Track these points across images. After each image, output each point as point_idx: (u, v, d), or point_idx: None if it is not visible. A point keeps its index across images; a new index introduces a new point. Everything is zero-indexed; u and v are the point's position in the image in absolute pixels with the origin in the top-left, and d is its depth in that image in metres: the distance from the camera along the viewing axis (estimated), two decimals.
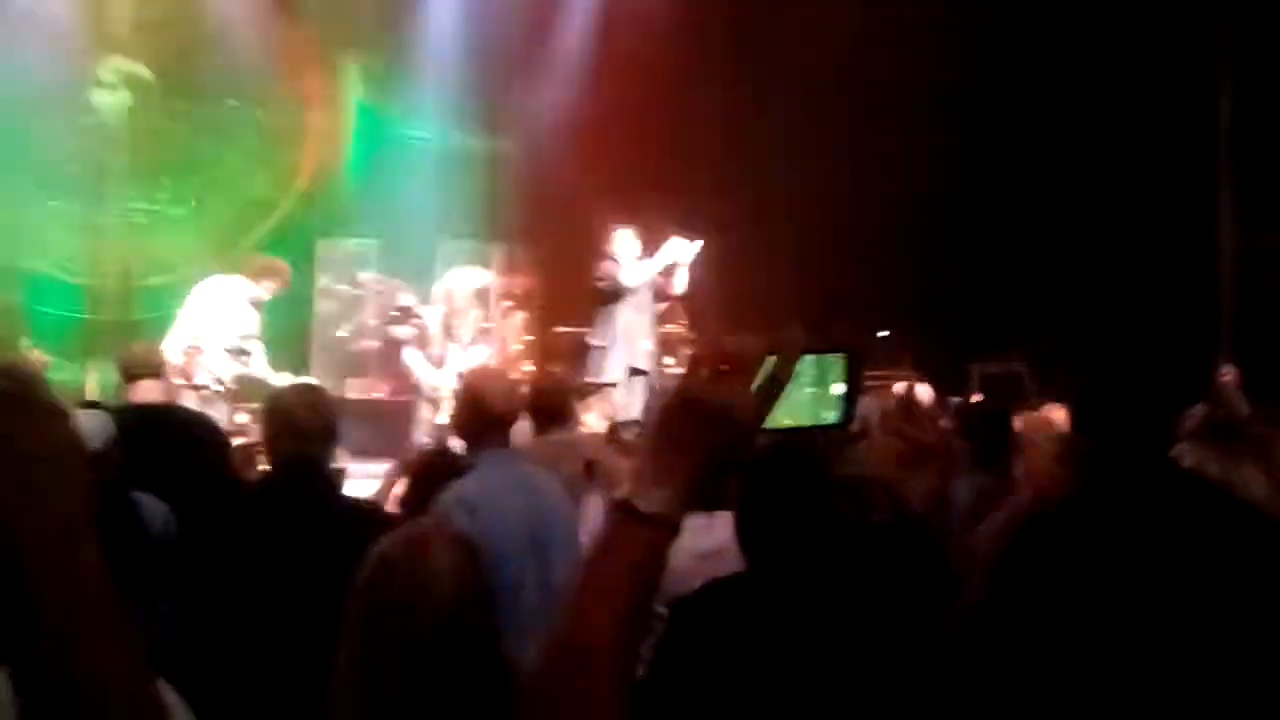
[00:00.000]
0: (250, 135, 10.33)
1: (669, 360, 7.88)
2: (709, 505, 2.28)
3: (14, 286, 9.13)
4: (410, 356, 7.68)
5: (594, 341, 7.19)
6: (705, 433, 0.98)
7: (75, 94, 9.67)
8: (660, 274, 7.37)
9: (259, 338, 6.98)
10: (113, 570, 0.76)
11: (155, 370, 4.23)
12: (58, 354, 7.78)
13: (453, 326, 7.57)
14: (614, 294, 7.18)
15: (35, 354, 7.35)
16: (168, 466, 3.26)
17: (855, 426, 1.20)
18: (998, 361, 7.95)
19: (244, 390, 6.87)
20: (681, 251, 7.37)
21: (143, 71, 9.91)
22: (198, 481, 3.30)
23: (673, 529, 0.99)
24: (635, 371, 7.10)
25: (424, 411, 7.45)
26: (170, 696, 0.87)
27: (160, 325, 7.17)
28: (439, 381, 7.39)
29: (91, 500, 0.75)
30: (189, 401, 6.02)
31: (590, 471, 3.65)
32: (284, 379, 6.89)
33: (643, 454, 1.02)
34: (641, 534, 0.98)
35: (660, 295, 7.46)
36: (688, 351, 7.96)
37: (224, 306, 6.82)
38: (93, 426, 2.94)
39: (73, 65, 9.57)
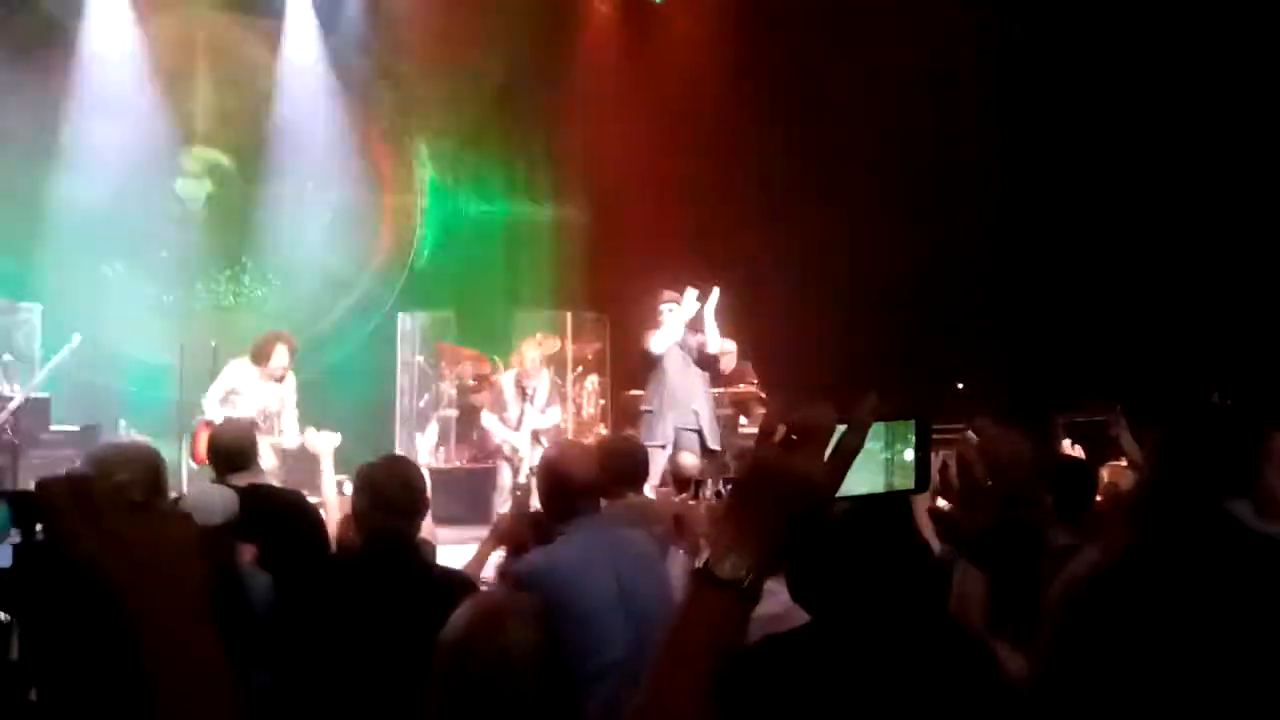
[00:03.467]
0: (328, 216, 10.70)
1: (743, 420, 7.90)
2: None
3: (110, 368, 9.53)
4: (487, 419, 7.86)
5: (644, 407, 7.29)
6: (780, 502, 1.02)
7: (162, 183, 10.14)
8: (692, 335, 7.30)
9: (279, 410, 7.17)
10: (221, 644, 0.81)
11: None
12: (152, 434, 8.06)
13: (526, 388, 7.72)
14: (650, 360, 7.29)
15: (132, 434, 7.65)
16: (267, 540, 3.38)
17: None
18: (1088, 412, 7.76)
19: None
20: (694, 305, 7.29)
21: (224, 159, 10.36)
22: (294, 555, 3.42)
23: (752, 595, 1.03)
24: (685, 431, 7.12)
25: (504, 477, 7.57)
26: None
27: None
28: (516, 442, 7.54)
29: (205, 595, 0.81)
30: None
31: (679, 527, 3.68)
32: (312, 437, 7.10)
33: (721, 522, 1.06)
34: (721, 601, 1.02)
35: (703, 359, 7.35)
36: (761, 410, 7.97)
37: (244, 389, 7.08)
38: (219, 502, 3.09)
39: (158, 156, 10.06)
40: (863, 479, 1.08)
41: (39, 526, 0.74)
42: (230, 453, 4.14)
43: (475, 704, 1.82)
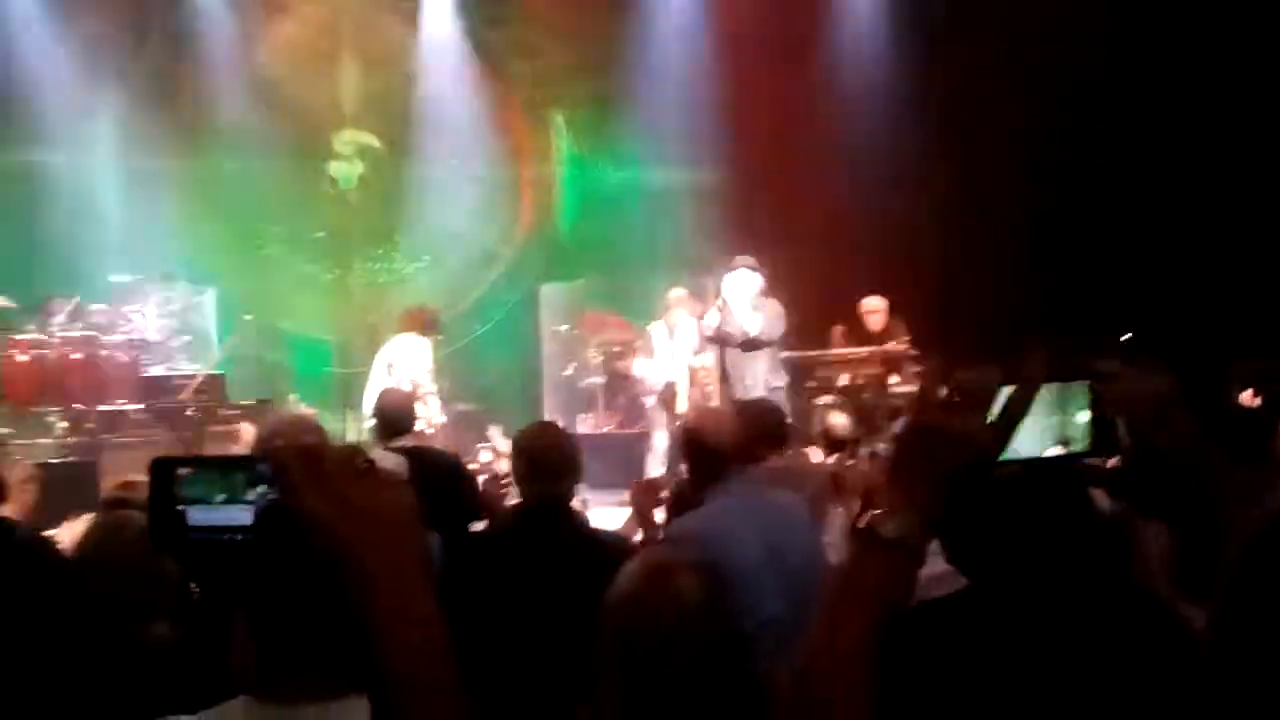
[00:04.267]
0: (472, 191, 10.95)
1: (894, 379, 7.76)
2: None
3: (277, 346, 10.05)
4: (639, 366, 8.12)
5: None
6: (941, 462, 1.01)
7: (316, 167, 10.58)
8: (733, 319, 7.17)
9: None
10: None
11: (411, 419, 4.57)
12: (318, 405, 8.48)
13: (672, 329, 7.93)
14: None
15: (302, 408, 8.05)
16: (429, 502, 3.51)
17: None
18: (1267, 361, 7.25)
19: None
20: (733, 287, 7.18)
21: (372, 141, 10.72)
22: (455, 516, 3.55)
23: (914, 554, 1.02)
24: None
25: (657, 436, 7.73)
26: None
27: None
28: (671, 375, 7.73)
29: (424, 555, 0.85)
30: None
31: (836, 488, 3.66)
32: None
33: (883, 482, 1.06)
34: (883, 560, 1.02)
35: (745, 343, 7.18)
36: (914, 369, 7.81)
37: (423, 358, 7.58)
38: (392, 468, 3.25)
39: (312, 140, 10.49)
40: (1030, 441, 1.06)
41: (267, 490, 0.80)
42: (394, 418, 4.32)
43: (646, 658, 1.85)
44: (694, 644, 1.86)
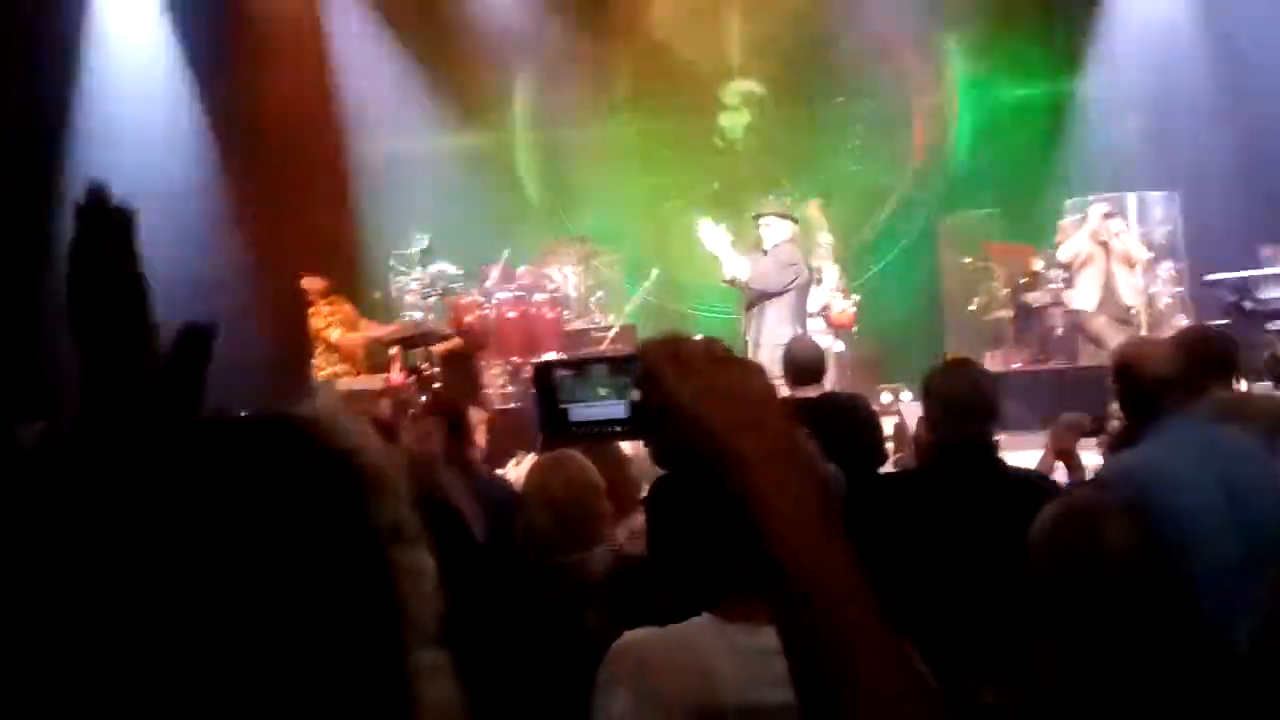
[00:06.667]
0: (860, 127, 10.74)
1: None
2: None
3: (681, 296, 10.56)
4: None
5: None
6: None
7: (707, 121, 10.88)
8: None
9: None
10: None
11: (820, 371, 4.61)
12: None
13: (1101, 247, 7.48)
14: None
15: None
16: (834, 444, 3.52)
17: None
18: None
19: None
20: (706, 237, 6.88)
21: (757, 88, 10.83)
22: (859, 458, 3.53)
23: None
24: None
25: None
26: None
27: None
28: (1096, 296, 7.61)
29: (793, 433, 0.86)
30: None
31: None
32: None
33: None
34: None
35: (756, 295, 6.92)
36: None
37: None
38: None
39: (702, 96, 10.79)
40: None
41: (637, 384, 0.86)
42: (803, 365, 4.38)
43: (1074, 606, 1.76)
44: (1129, 592, 1.74)
